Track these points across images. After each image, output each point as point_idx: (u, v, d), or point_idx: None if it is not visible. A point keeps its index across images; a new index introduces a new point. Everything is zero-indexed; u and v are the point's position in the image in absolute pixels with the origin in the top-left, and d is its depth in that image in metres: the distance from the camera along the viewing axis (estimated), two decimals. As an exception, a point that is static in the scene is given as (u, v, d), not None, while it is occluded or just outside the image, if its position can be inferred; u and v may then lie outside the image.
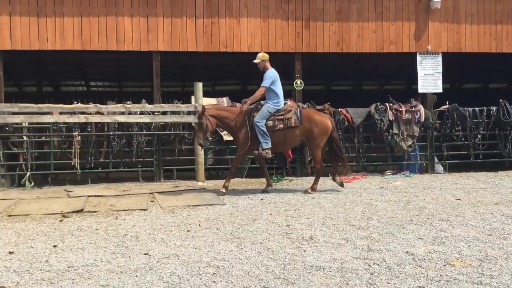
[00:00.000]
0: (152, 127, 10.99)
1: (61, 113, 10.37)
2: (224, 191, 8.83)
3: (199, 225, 6.42)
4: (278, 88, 9.03)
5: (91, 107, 10.52)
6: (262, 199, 8.28)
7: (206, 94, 11.52)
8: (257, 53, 11.80)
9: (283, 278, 4.33)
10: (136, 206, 7.77)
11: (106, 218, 6.93)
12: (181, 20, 11.35)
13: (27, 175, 10.28)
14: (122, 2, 11.08)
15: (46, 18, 10.79)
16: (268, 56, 9.22)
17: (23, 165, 10.49)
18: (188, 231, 6.09)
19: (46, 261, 4.93)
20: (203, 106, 9.11)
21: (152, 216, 7.06)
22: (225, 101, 11.65)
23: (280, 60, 13.63)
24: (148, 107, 10.79)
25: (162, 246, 5.42)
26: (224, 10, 11.52)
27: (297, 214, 7.00)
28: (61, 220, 6.86)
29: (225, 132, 10.63)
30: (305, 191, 8.90)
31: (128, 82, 18.25)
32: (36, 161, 10.60)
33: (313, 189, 8.97)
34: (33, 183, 10.24)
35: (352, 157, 11.81)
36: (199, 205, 7.82)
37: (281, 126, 8.90)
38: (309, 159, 11.24)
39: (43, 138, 10.90)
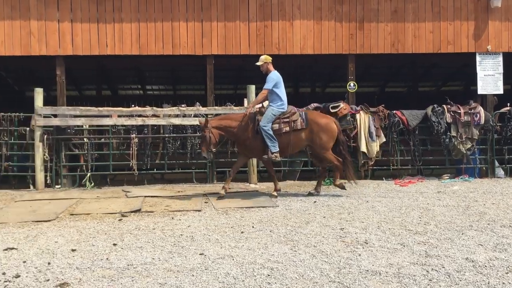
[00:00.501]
0: (206, 130, 11.15)
1: (119, 116, 10.72)
2: (275, 194, 8.86)
3: (253, 226, 6.46)
4: (281, 91, 8.87)
5: (148, 110, 10.82)
6: (315, 202, 8.24)
7: (258, 96, 11.58)
8: (310, 55, 11.82)
9: (338, 281, 4.29)
10: (191, 207, 7.93)
11: (162, 218, 7.11)
12: (235, 24, 11.48)
13: (88, 175, 10.69)
14: (177, 8, 11.35)
15: (106, 24, 11.19)
16: (271, 58, 9.07)
17: (84, 166, 10.91)
18: (242, 232, 6.15)
19: (107, 258, 5.11)
20: (206, 118, 9.05)
21: (206, 217, 7.18)
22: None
23: (331, 62, 13.60)
24: (202, 109, 10.98)
25: (217, 246, 5.50)
26: (277, 13, 11.56)
27: (351, 218, 6.92)
28: (120, 220, 7.09)
29: None
30: (343, 185, 9.05)
31: (183, 85, 18.64)
32: (96, 162, 11.00)
33: (353, 182, 9.12)
34: (93, 183, 10.64)
35: (407, 160, 11.56)
36: (252, 207, 7.88)
37: (287, 128, 8.77)
38: (362, 162, 11.11)
39: (103, 140, 11.30)
